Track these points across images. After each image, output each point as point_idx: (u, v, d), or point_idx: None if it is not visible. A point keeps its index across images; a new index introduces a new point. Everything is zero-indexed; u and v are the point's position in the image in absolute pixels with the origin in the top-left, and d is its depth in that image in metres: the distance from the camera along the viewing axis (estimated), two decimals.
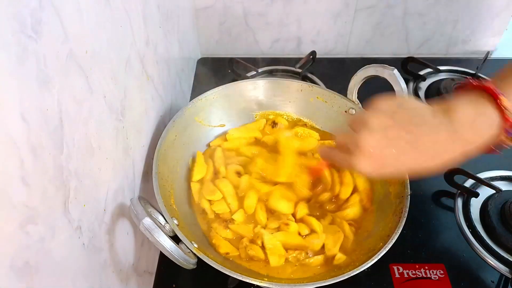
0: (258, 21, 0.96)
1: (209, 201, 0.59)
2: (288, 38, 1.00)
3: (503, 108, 0.40)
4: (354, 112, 0.68)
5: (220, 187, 0.60)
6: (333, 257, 0.54)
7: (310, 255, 0.55)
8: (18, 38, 0.26)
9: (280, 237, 0.56)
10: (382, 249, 0.48)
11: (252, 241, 0.55)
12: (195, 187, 0.62)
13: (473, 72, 0.92)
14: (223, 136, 0.70)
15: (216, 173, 0.64)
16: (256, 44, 1.01)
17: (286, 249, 0.55)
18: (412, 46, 1.02)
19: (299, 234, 0.57)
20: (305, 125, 0.73)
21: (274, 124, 0.71)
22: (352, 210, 0.59)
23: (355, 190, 0.62)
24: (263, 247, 0.54)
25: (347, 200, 0.61)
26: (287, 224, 0.57)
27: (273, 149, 0.67)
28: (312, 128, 0.72)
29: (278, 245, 0.54)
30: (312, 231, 0.57)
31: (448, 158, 0.42)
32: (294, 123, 0.74)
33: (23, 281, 0.27)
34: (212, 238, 0.56)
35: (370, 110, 0.44)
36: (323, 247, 0.56)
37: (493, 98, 0.41)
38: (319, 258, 0.54)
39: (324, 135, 0.71)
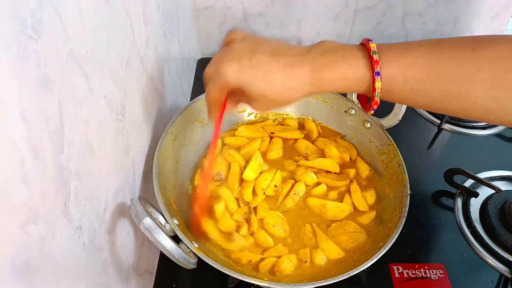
0: (258, 22, 0.96)
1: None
2: (288, 39, 1.00)
3: (369, 49, 0.39)
4: (354, 112, 0.68)
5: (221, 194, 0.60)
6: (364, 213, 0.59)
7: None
8: (18, 38, 0.26)
9: None
10: (382, 249, 0.48)
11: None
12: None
13: None
14: (231, 131, 0.70)
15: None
16: None
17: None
18: None
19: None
20: None
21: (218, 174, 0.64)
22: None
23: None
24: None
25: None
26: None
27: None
28: None
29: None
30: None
31: (287, 79, 0.41)
32: None
33: (23, 281, 0.27)
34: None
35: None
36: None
37: (364, 46, 0.41)
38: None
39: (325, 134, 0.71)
